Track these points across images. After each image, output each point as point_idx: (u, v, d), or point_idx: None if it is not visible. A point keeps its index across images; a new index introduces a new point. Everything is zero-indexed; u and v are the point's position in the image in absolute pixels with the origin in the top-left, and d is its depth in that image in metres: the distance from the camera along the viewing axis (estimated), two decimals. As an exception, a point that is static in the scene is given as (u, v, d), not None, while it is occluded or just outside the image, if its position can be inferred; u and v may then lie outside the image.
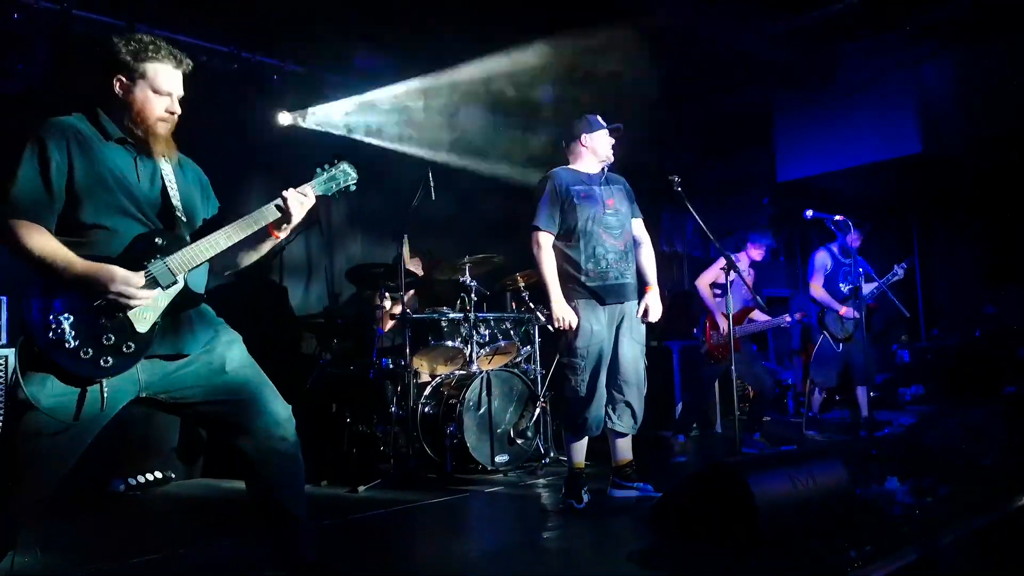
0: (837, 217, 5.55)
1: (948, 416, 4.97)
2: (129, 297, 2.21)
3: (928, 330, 9.29)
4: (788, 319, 5.99)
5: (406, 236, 5.31)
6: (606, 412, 4.07)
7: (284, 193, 2.46)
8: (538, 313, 5.57)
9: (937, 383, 8.13)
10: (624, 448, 4.19)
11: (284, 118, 6.15)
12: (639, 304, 4.13)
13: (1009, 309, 8.34)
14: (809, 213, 5.47)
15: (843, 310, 6.32)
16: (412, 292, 6.07)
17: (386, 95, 6.55)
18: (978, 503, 3.48)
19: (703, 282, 5.94)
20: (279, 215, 2.46)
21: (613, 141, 4.29)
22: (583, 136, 4.25)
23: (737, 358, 5.04)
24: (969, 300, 8.95)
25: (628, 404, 4.08)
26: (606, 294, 4.03)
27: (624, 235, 4.16)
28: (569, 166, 4.30)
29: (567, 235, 4.09)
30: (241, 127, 5.86)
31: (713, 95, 8.05)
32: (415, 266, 6.01)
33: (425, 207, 5.22)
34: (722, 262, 5.81)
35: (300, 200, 2.47)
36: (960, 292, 9.17)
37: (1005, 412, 4.84)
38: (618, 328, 4.08)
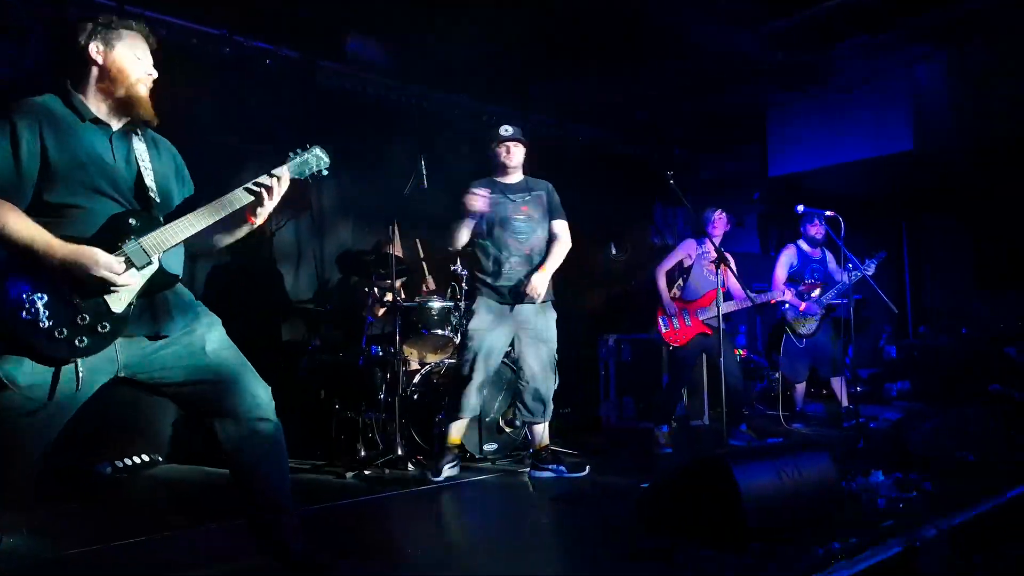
0: (828, 213, 5.56)
1: (934, 412, 5.00)
2: (111, 283, 2.21)
3: (916, 326, 9.34)
4: (751, 300, 5.82)
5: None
6: (518, 405, 4.62)
7: (259, 179, 2.47)
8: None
9: (924, 379, 8.18)
10: (539, 434, 4.66)
11: None
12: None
13: (997, 307, 8.39)
14: (800, 208, 5.48)
15: (802, 306, 6.37)
16: (428, 279, 6.09)
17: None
18: (963, 498, 3.51)
19: (661, 270, 5.84)
20: (252, 199, 2.45)
21: (506, 151, 4.62)
22: (487, 151, 4.71)
23: (710, 345, 5.04)
24: (957, 297, 9.00)
25: (536, 395, 4.54)
26: (504, 295, 4.47)
27: (532, 241, 4.55)
28: (493, 174, 4.69)
29: (479, 236, 4.53)
30: (233, 112, 5.83)
31: (707, 91, 8.06)
32: (398, 251, 6.01)
33: (417, 195, 5.21)
34: (688, 246, 5.87)
35: (272, 184, 2.46)
36: (948, 289, 9.22)
37: (991, 409, 4.88)
38: (519, 329, 4.53)
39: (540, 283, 4.47)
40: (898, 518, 3.21)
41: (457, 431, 4.62)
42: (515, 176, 4.72)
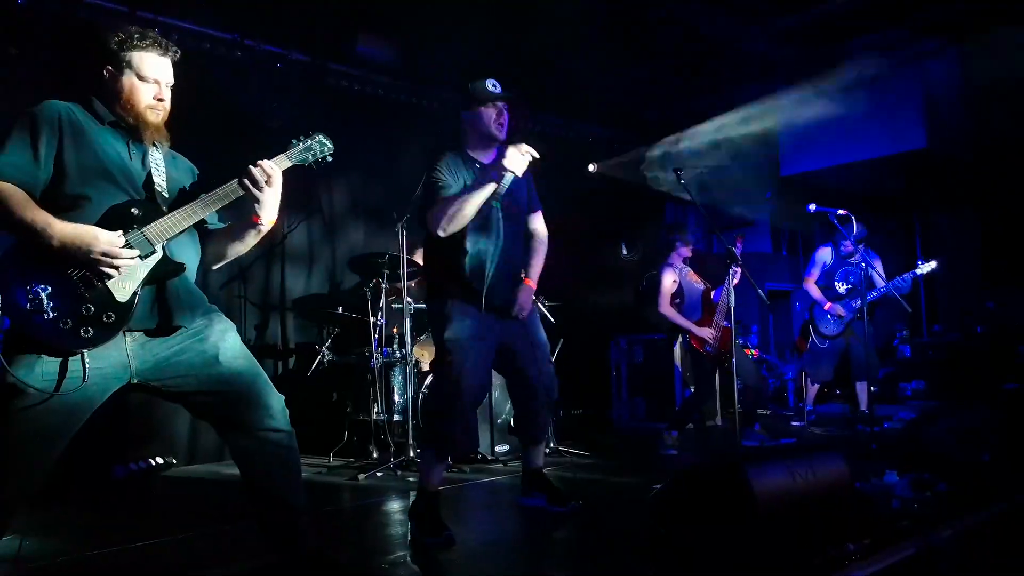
0: (840, 212, 5.53)
1: (948, 412, 4.97)
2: (113, 257, 2.21)
3: (930, 325, 9.29)
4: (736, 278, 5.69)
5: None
6: (521, 426, 3.74)
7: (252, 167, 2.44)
8: (539, 304, 5.57)
9: (938, 378, 8.14)
10: (536, 455, 3.79)
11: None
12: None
13: (1010, 306, 8.34)
14: (812, 207, 5.46)
15: (827, 305, 6.36)
16: (419, 280, 6.08)
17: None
18: (977, 499, 3.48)
19: (665, 305, 5.72)
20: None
21: (501, 116, 3.45)
22: (463, 113, 3.49)
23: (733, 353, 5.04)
24: (971, 296, 8.94)
25: (541, 410, 3.67)
26: (490, 297, 3.37)
27: (515, 241, 3.52)
28: (466, 147, 3.51)
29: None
30: (244, 115, 5.85)
31: (719, 89, 8.04)
32: (417, 257, 6.02)
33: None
34: (668, 275, 5.82)
35: (258, 175, 2.42)
36: (962, 288, 9.16)
37: (1005, 409, 4.84)
38: (510, 333, 3.51)
39: (529, 300, 3.55)
40: (912, 519, 3.19)
41: (439, 477, 3.39)
42: (488, 150, 3.49)
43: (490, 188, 3.21)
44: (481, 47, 6.14)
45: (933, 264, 6.10)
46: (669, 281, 5.83)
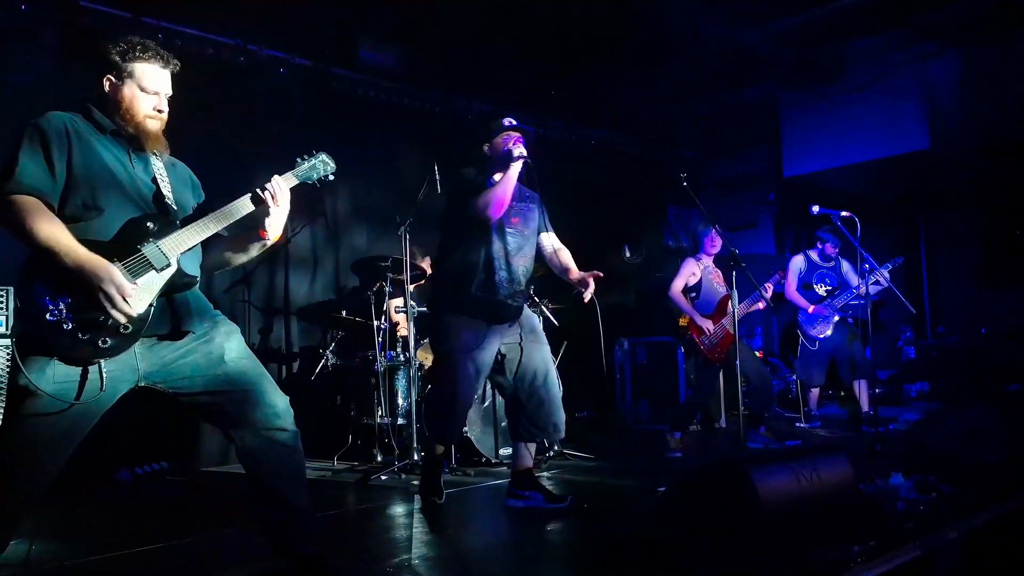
0: (844, 213, 5.52)
1: (953, 413, 4.96)
2: (113, 301, 2.20)
3: (934, 327, 9.26)
4: (762, 303, 5.80)
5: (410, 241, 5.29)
6: (526, 424, 3.89)
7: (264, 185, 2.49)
8: (543, 307, 5.58)
9: (942, 380, 8.12)
10: (527, 453, 3.96)
11: None
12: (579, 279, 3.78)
13: (1015, 307, 8.32)
14: (815, 209, 5.45)
15: (811, 308, 6.47)
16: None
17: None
18: (982, 500, 3.48)
19: (676, 289, 5.76)
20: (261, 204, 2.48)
21: (513, 143, 3.73)
22: (485, 146, 3.85)
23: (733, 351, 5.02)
24: (975, 297, 8.92)
25: (551, 406, 3.88)
26: (488, 311, 3.71)
27: (518, 259, 3.79)
28: (489, 176, 3.81)
29: (468, 233, 3.74)
30: (248, 119, 5.87)
31: (720, 92, 8.05)
32: (425, 264, 6.05)
33: (430, 201, 5.23)
34: (689, 265, 5.85)
35: (275, 190, 2.47)
36: (966, 289, 9.14)
37: (1010, 410, 4.83)
38: (511, 336, 3.83)
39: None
40: (917, 521, 3.18)
41: (442, 447, 4.03)
42: None
43: (516, 167, 3.59)
44: (481, 50, 6.15)
45: (899, 260, 6.25)
46: (688, 271, 5.86)
